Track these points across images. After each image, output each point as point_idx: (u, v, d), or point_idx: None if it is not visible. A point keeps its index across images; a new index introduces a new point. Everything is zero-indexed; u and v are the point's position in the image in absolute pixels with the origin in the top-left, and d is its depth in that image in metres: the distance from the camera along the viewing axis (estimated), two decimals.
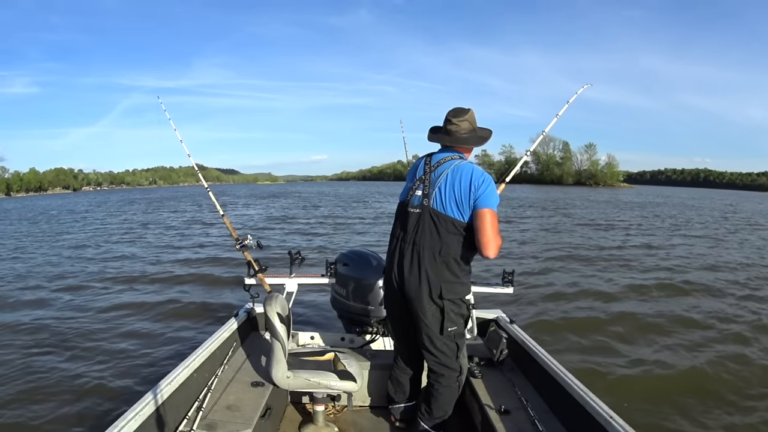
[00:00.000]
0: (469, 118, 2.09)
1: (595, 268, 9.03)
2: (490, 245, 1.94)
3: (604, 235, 14.50)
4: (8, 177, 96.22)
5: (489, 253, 1.94)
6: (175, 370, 2.09)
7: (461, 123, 2.07)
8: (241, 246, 2.93)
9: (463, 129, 2.08)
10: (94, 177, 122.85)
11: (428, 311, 2.04)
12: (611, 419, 1.71)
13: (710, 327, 5.49)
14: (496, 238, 1.95)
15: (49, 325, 5.39)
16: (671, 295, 6.97)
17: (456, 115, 2.08)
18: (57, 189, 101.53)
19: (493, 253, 1.94)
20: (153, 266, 9.22)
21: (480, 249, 1.97)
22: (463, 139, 2.09)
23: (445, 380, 2.13)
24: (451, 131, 2.08)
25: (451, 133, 2.09)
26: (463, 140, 2.10)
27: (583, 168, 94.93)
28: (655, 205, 33.05)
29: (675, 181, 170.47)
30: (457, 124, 2.07)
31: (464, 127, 2.08)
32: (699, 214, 25.44)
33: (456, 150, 2.12)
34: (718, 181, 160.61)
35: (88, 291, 7.19)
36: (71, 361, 4.38)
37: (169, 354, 4.49)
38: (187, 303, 6.37)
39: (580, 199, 37.12)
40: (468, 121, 2.08)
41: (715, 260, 10.13)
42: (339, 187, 76.81)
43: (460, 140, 2.09)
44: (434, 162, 2.11)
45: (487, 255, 1.94)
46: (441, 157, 2.11)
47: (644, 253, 10.88)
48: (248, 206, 29.01)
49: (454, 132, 2.08)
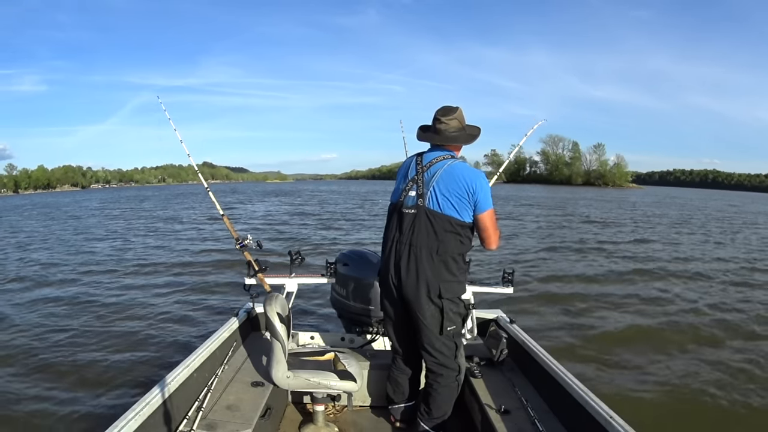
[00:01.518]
0: (458, 116, 2.09)
1: (596, 268, 9.03)
2: (492, 240, 2.10)
3: (606, 234, 14.49)
4: (16, 174, 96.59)
5: (492, 246, 2.11)
6: (175, 370, 2.09)
7: (450, 121, 2.08)
8: (240, 246, 2.93)
9: (453, 127, 2.09)
10: (102, 175, 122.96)
11: (427, 312, 2.04)
12: (611, 419, 1.71)
13: (713, 327, 5.49)
14: (496, 233, 2.11)
15: (48, 325, 5.39)
16: (672, 295, 6.97)
17: (445, 114, 2.09)
18: (65, 186, 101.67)
19: (495, 245, 2.11)
20: (153, 266, 9.21)
21: (484, 245, 2.13)
22: (452, 138, 2.11)
23: (444, 380, 2.13)
24: (440, 130, 2.09)
25: (440, 132, 2.09)
26: (452, 138, 2.11)
27: (592, 168, 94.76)
28: (660, 205, 33.00)
29: (683, 182, 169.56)
30: (447, 123, 2.08)
31: (453, 125, 2.09)
32: (705, 215, 25.43)
33: (446, 149, 2.13)
34: (727, 182, 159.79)
35: (88, 290, 7.19)
36: (70, 361, 4.38)
37: (169, 354, 4.49)
38: (187, 303, 6.37)
39: (586, 199, 37.12)
40: (457, 119, 2.09)
41: (724, 258, 10.12)
42: (350, 186, 77.02)
43: (449, 138, 2.10)
44: (426, 162, 2.11)
45: (490, 248, 2.13)
46: (433, 157, 2.10)
47: (646, 252, 10.88)
48: (263, 203, 30.14)
49: (443, 131, 2.09)
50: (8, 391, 3.79)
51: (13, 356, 4.49)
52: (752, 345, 4.94)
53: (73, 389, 3.81)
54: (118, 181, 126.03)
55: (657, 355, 4.64)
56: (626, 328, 5.40)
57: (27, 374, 4.10)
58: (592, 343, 4.91)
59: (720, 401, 3.75)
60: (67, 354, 4.54)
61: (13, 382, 3.96)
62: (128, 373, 4.11)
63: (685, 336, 5.21)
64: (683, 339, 5.10)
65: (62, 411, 3.49)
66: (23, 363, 4.33)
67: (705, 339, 5.12)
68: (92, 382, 3.92)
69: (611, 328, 5.40)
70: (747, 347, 4.87)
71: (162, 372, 2.27)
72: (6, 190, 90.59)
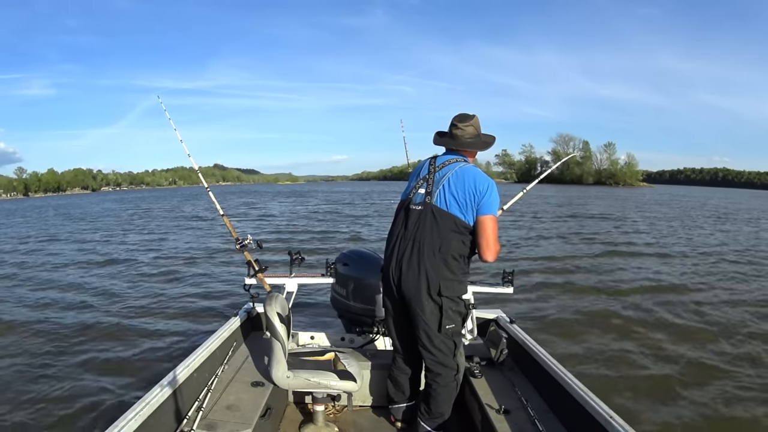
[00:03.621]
0: (474, 123, 2.16)
1: (597, 267, 9.02)
2: (490, 250, 2.03)
3: (609, 233, 14.48)
4: (26, 177, 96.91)
5: (488, 257, 2.03)
6: (175, 370, 2.09)
7: (466, 128, 2.15)
8: (240, 246, 2.93)
9: (468, 134, 2.16)
10: (113, 177, 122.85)
11: (426, 308, 2.06)
12: (611, 419, 1.72)
13: (717, 328, 5.49)
14: (495, 244, 2.05)
15: (46, 324, 5.40)
16: (673, 297, 6.96)
17: (461, 120, 2.15)
18: (76, 189, 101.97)
19: (492, 257, 2.03)
20: (152, 265, 9.22)
21: (479, 253, 2.06)
22: (467, 144, 2.17)
23: (443, 379, 2.14)
24: (456, 135, 2.16)
25: (456, 138, 2.16)
26: (467, 144, 2.17)
27: (603, 167, 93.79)
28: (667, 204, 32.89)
29: (694, 180, 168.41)
30: (463, 129, 2.15)
31: (469, 132, 2.15)
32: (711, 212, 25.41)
33: (460, 153, 2.19)
34: (737, 180, 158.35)
35: (87, 289, 7.20)
36: (69, 361, 4.38)
37: (169, 354, 4.49)
38: (187, 303, 6.37)
39: (594, 198, 36.93)
40: (473, 126, 2.16)
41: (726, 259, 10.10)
42: (362, 187, 77.05)
43: (464, 144, 2.17)
44: (439, 163, 2.17)
45: (486, 259, 2.03)
46: (446, 159, 2.17)
47: (647, 253, 10.87)
48: (282, 203, 31.26)
49: (459, 136, 2.16)
50: (7, 391, 3.79)
51: (9, 357, 4.48)
52: (753, 344, 4.94)
53: (72, 389, 3.81)
54: (128, 183, 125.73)
55: (658, 355, 4.63)
56: (626, 329, 5.39)
57: (25, 374, 4.10)
58: (593, 343, 4.91)
59: (720, 401, 3.74)
60: (66, 353, 4.54)
61: (12, 382, 3.95)
62: (128, 372, 4.11)
63: (686, 336, 5.20)
64: (684, 339, 5.09)
65: (62, 411, 3.49)
66: (21, 363, 4.32)
67: (705, 339, 5.11)
68: (92, 382, 3.92)
69: (612, 328, 5.39)
70: (748, 348, 4.86)
71: (162, 372, 2.27)
72: (16, 193, 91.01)
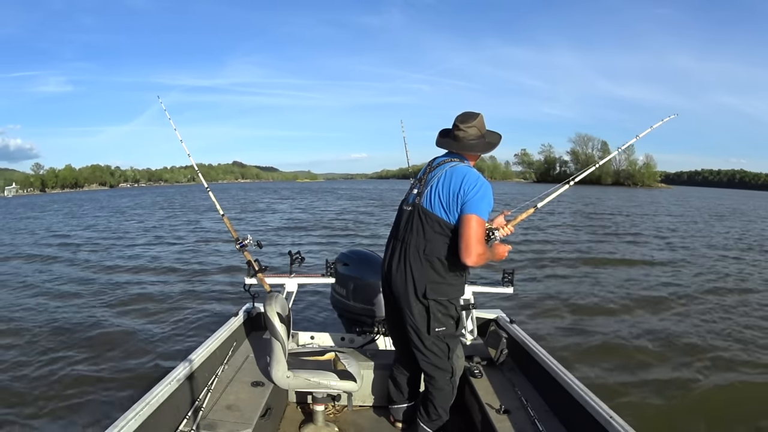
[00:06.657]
0: (477, 123, 2.03)
1: (598, 267, 9.02)
2: (470, 252, 1.85)
3: (611, 235, 14.45)
4: (43, 173, 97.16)
5: (467, 260, 1.86)
6: (175, 370, 2.09)
7: (469, 129, 2.03)
8: (240, 246, 2.93)
9: (471, 135, 2.04)
10: (131, 174, 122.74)
11: (414, 309, 2.02)
12: (611, 419, 1.72)
13: (715, 326, 5.50)
14: (478, 246, 1.86)
15: (46, 324, 5.39)
16: (675, 298, 6.95)
17: (464, 121, 2.03)
18: (93, 185, 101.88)
19: (472, 261, 1.86)
20: (152, 266, 9.21)
21: (460, 254, 1.88)
22: (470, 146, 2.05)
23: (437, 382, 2.10)
24: (458, 137, 2.05)
25: (458, 139, 2.05)
26: (470, 147, 2.05)
27: (622, 168, 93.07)
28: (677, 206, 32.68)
29: (711, 182, 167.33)
30: (465, 130, 2.03)
31: (472, 133, 2.03)
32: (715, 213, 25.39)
33: (460, 154, 2.08)
34: (754, 182, 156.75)
35: (87, 289, 7.19)
36: (69, 360, 4.37)
37: (169, 353, 4.49)
38: (187, 303, 6.36)
39: (601, 199, 36.63)
40: (476, 126, 2.03)
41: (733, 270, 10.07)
42: (382, 184, 76.71)
43: (467, 147, 2.05)
44: (435, 163, 2.12)
45: (466, 261, 1.87)
46: (442, 159, 2.11)
47: (649, 254, 10.86)
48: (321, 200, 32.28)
49: (461, 138, 2.05)
50: (6, 391, 3.79)
51: (8, 356, 4.48)
52: (756, 350, 4.93)
53: (72, 388, 3.80)
54: (147, 180, 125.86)
55: (658, 355, 4.63)
56: (627, 329, 5.39)
57: (24, 373, 4.09)
58: (593, 343, 4.90)
59: (720, 401, 3.75)
60: (66, 352, 4.54)
61: (11, 382, 3.95)
62: (128, 372, 4.11)
63: (686, 335, 5.20)
64: (684, 339, 5.09)
65: (62, 410, 3.49)
66: (19, 362, 4.32)
67: (706, 338, 5.12)
68: (91, 382, 3.91)
69: (612, 329, 5.39)
70: (750, 350, 4.86)
71: (162, 372, 2.27)
72: (33, 189, 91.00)
